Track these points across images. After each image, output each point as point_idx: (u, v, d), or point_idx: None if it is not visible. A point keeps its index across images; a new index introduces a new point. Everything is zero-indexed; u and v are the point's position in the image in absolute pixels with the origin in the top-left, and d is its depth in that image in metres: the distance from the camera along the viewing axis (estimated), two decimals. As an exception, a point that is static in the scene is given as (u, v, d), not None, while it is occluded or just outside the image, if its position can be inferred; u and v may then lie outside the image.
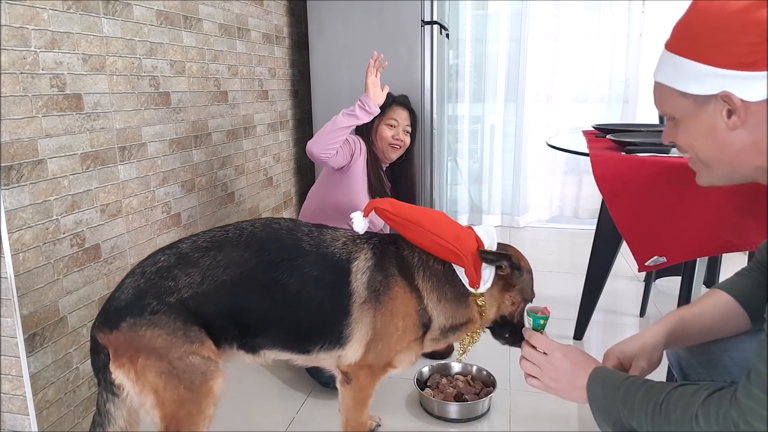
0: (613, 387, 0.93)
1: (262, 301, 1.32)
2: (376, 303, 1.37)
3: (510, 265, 1.42)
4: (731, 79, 0.82)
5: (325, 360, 1.44)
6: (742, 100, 0.82)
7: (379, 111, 2.07)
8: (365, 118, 2.03)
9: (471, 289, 1.41)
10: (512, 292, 1.45)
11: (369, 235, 1.46)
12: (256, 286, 1.31)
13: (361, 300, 1.37)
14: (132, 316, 1.21)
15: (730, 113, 0.84)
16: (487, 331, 1.53)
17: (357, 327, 1.37)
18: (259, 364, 1.45)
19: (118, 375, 1.23)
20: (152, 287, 1.24)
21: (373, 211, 1.43)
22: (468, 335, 1.51)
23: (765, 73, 0.80)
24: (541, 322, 1.17)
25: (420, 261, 1.43)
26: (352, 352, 1.39)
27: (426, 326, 1.44)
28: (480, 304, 1.42)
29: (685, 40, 0.89)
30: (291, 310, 1.34)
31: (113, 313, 1.24)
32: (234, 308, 1.30)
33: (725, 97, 0.84)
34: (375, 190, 2.21)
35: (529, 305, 1.16)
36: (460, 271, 1.40)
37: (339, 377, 1.45)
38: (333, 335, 1.37)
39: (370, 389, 1.46)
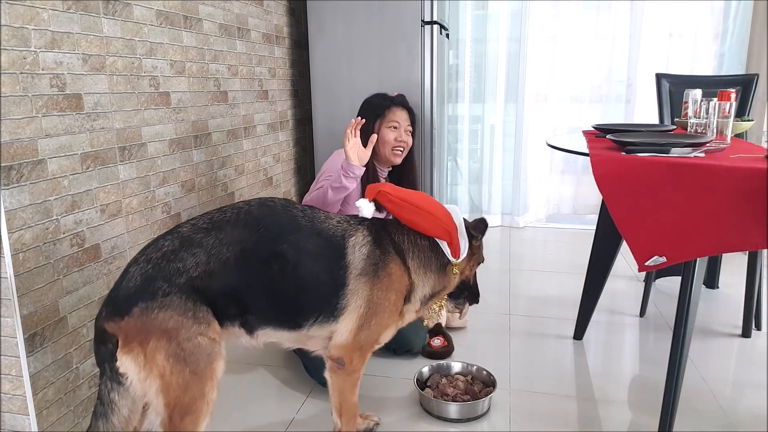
0: None
1: (260, 276, 1.36)
2: (373, 277, 1.46)
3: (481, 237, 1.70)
4: None
5: (315, 339, 1.48)
6: None
7: (364, 169, 1.95)
8: (354, 184, 1.93)
9: (452, 259, 1.59)
10: (473, 258, 1.71)
11: (361, 219, 1.57)
12: (255, 261, 1.35)
13: (357, 272, 1.44)
14: (144, 300, 1.23)
15: None
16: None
17: (352, 298, 1.44)
18: (254, 347, 1.47)
19: (125, 361, 1.23)
20: (160, 271, 1.26)
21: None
22: (437, 304, 1.72)
23: None
24: None
25: (409, 242, 1.58)
26: (344, 326, 1.45)
27: (407, 300, 1.59)
28: (455, 272, 1.62)
29: None
30: (287, 282, 1.38)
31: (122, 301, 1.24)
32: (236, 285, 1.33)
33: None
34: None
35: None
36: (443, 244, 1.58)
37: (329, 364, 1.51)
38: (328, 307, 1.43)
39: (361, 370, 1.54)
